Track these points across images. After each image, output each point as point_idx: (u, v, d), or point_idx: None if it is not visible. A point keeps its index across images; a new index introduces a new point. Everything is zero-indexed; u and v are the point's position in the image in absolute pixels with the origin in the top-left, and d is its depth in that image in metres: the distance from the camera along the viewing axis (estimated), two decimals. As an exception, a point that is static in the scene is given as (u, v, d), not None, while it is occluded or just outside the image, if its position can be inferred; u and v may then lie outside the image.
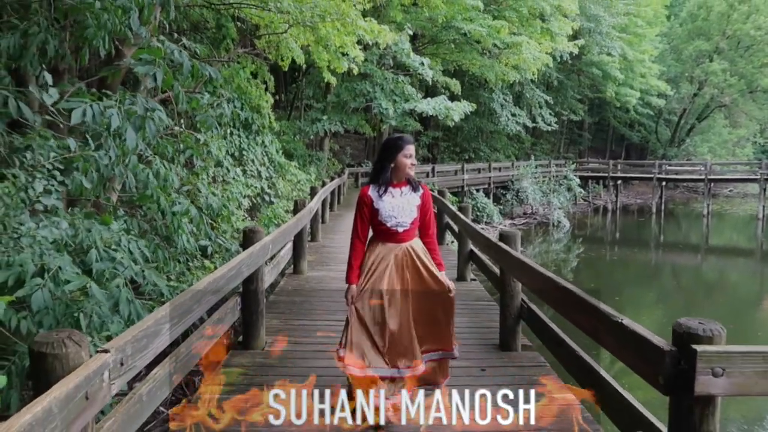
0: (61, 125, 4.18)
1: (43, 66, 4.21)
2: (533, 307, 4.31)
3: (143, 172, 5.07)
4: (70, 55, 5.07)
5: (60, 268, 3.34)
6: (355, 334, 3.09)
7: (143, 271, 3.76)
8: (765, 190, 26.02)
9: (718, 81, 36.84)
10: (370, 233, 3.30)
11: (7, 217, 2.90)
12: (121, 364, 1.95)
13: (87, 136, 3.63)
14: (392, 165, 3.15)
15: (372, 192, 3.19)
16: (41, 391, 1.64)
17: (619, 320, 2.16)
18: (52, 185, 3.36)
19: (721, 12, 36.98)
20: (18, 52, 4.27)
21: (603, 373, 2.99)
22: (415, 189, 3.22)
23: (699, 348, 1.76)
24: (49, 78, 3.44)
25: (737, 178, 31.64)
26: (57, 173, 3.46)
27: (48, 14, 4.85)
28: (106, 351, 1.87)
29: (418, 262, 3.18)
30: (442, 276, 3.21)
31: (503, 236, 4.42)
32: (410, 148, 3.15)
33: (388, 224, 3.15)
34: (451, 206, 8.32)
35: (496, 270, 5.15)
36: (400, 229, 3.16)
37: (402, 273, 3.16)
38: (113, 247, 3.63)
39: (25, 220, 3.06)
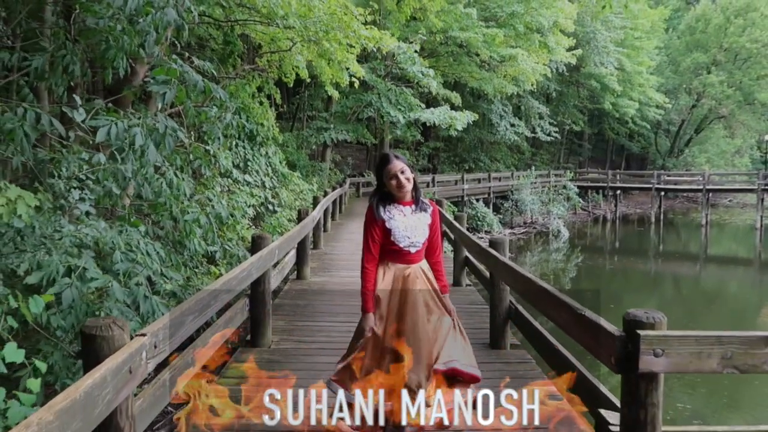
0: (90, 141, 4.55)
1: (71, 84, 4.58)
2: (520, 308, 4.64)
3: (157, 182, 5.44)
4: (89, 74, 5.45)
5: (85, 268, 3.70)
6: (369, 359, 2.93)
7: (161, 271, 4.11)
8: (762, 200, 26.32)
9: (716, 92, 37.33)
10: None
11: (48, 221, 3.24)
12: (155, 347, 2.30)
13: (113, 150, 4.00)
14: (384, 188, 3.00)
15: (382, 212, 2.99)
16: (91, 366, 1.98)
17: (582, 312, 2.50)
18: (86, 194, 3.72)
19: (718, 25, 37.55)
20: (45, 72, 4.65)
21: (576, 363, 3.33)
22: (423, 207, 3.03)
23: (642, 333, 2.09)
24: (78, 99, 3.81)
25: (735, 188, 31.97)
26: (90, 183, 3.83)
27: (69, 36, 5.24)
28: (143, 335, 2.21)
29: (428, 285, 3.03)
30: (446, 299, 3.07)
31: (492, 243, 4.77)
32: (392, 168, 2.92)
33: (402, 245, 2.95)
34: (447, 215, 8.67)
35: (488, 274, 5.49)
36: (413, 250, 2.98)
37: (414, 297, 2.96)
38: (133, 248, 3.98)
39: (64, 224, 3.41)
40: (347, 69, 12.45)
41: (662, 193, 31.04)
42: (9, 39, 5.68)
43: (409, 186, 2.95)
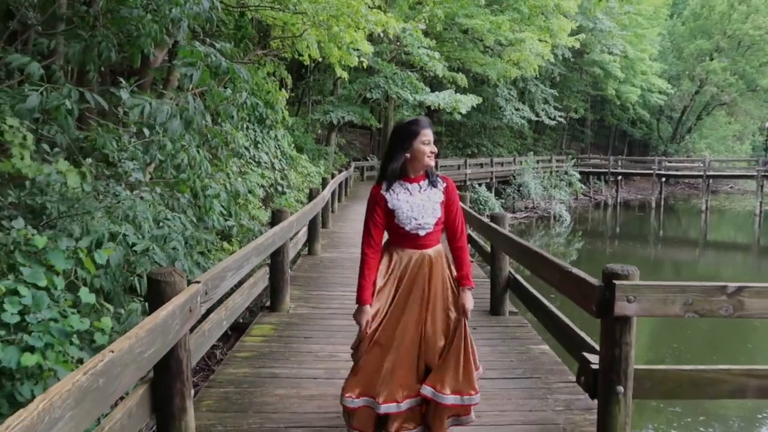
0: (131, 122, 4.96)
1: (102, 68, 4.96)
2: (518, 277, 5.05)
3: (180, 158, 5.82)
4: (117, 58, 5.82)
5: (125, 234, 4.11)
6: (367, 360, 2.65)
7: (193, 236, 4.53)
8: (762, 186, 26.60)
9: (719, 79, 37.50)
10: (385, 237, 2.75)
11: (105, 188, 3.64)
12: (206, 293, 2.71)
13: (143, 127, 4.41)
14: (407, 155, 2.61)
15: (384, 190, 2.65)
16: (156, 306, 2.38)
17: (569, 270, 2.90)
18: (136, 164, 4.15)
19: (722, 11, 37.62)
20: (81, 57, 5.03)
21: (565, 319, 3.74)
22: (435, 183, 2.68)
23: (618, 282, 2.48)
24: (124, 82, 4.20)
25: (734, 174, 32.22)
26: (138, 153, 4.26)
27: (99, 23, 5.61)
28: (198, 282, 2.62)
29: (439, 278, 2.69)
30: (465, 296, 2.72)
31: (493, 217, 5.17)
32: (428, 133, 2.61)
33: (408, 227, 2.62)
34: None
35: (489, 249, 5.90)
36: (422, 233, 2.63)
37: (422, 290, 2.66)
38: (166, 218, 4.40)
39: (120, 191, 3.83)
40: (356, 50, 12.81)
41: (663, 179, 31.34)
42: (41, 26, 6.06)
43: (432, 160, 2.65)
